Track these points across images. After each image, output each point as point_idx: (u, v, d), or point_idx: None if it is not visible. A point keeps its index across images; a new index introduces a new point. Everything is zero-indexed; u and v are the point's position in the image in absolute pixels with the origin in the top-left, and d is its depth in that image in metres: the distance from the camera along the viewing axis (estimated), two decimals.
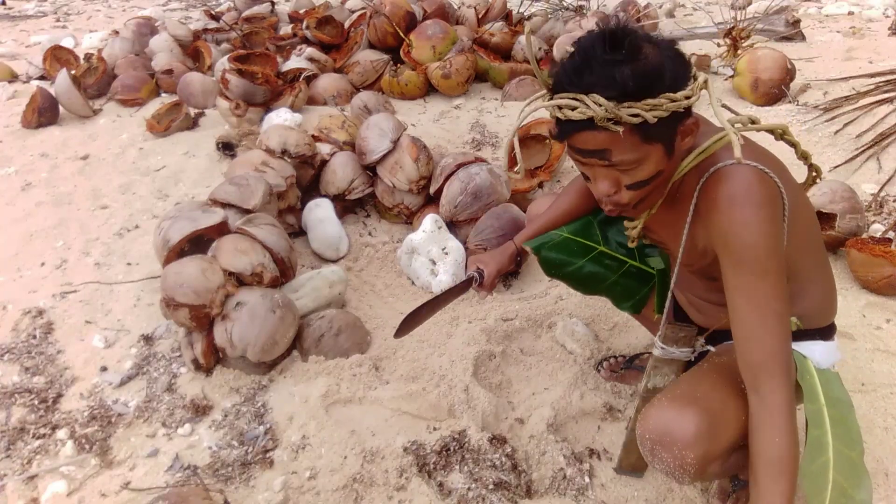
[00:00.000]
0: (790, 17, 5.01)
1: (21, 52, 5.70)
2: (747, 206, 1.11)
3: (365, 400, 1.82)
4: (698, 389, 1.22)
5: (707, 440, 1.16)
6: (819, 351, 1.32)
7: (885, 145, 3.05)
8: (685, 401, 1.19)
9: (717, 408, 1.19)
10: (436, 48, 4.06)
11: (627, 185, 1.16)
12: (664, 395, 1.24)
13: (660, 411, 1.20)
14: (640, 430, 1.22)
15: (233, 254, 1.99)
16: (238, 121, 3.43)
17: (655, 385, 1.40)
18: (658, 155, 1.12)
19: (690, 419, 1.16)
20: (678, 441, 1.15)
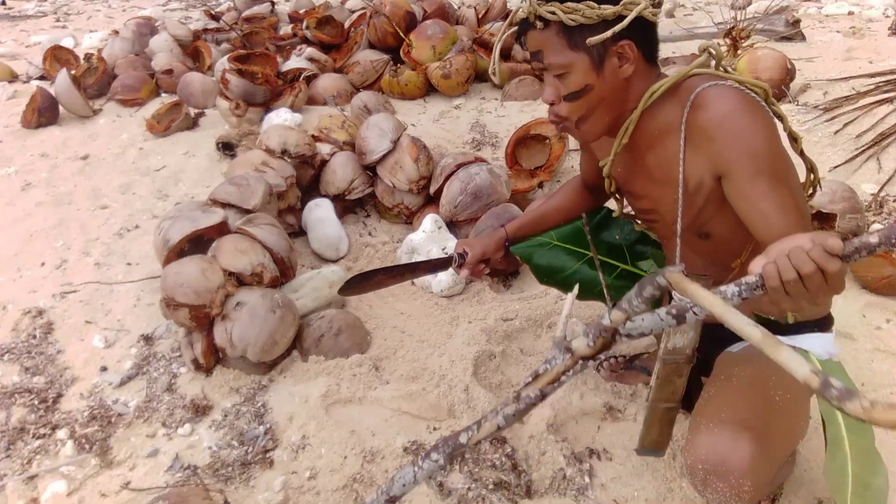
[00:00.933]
0: (790, 17, 5.02)
1: (21, 52, 5.70)
2: (745, 116, 1.13)
3: (365, 400, 1.82)
4: (742, 410, 1.18)
5: (762, 466, 1.13)
6: (819, 344, 1.32)
7: (885, 145, 3.05)
8: (735, 426, 1.15)
9: (765, 429, 1.16)
10: (436, 48, 4.06)
11: (564, 96, 1.24)
12: (707, 419, 1.19)
13: (710, 439, 1.15)
14: (691, 459, 1.17)
15: (233, 254, 1.99)
16: (238, 121, 3.43)
17: (675, 345, 1.33)
18: (585, 66, 1.19)
19: (745, 446, 1.12)
20: (735, 470, 1.11)
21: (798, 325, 1.32)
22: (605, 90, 1.22)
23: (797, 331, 1.32)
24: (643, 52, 1.22)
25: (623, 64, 1.21)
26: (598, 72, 1.20)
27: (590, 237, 1.64)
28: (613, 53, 1.19)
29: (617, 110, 1.26)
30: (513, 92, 4.04)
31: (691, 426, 1.22)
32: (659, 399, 1.38)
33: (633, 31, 1.17)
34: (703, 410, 1.23)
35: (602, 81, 1.21)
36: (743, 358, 1.34)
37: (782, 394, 1.21)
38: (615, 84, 1.22)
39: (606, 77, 1.21)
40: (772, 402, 1.20)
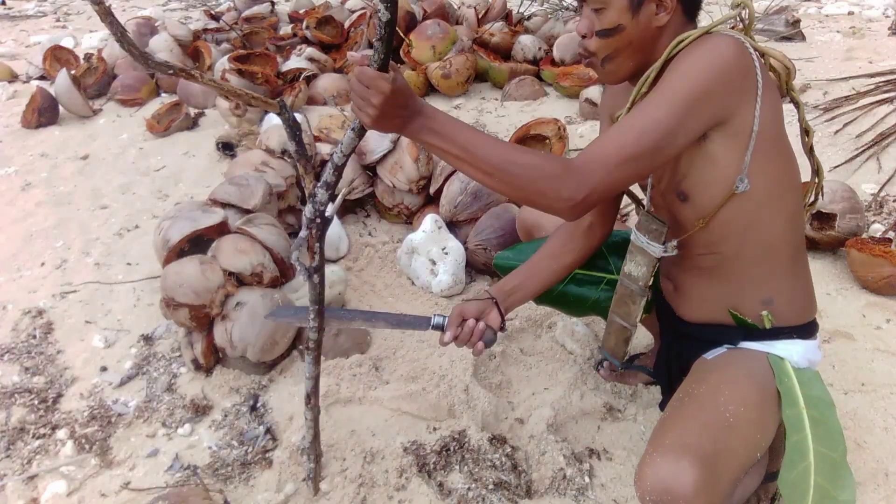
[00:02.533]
0: (790, 17, 5.02)
1: (21, 52, 5.70)
2: (702, 49, 1.14)
3: (365, 400, 1.82)
4: (686, 434, 1.16)
5: (709, 488, 1.10)
6: (797, 351, 1.30)
7: (885, 145, 3.05)
8: (677, 452, 1.12)
9: (711, 449, 1.13)
10: (436, 48, 4.06)
11: (596, 31, 1.24)
12: (653, 447, 1.16)
13: (653, 469, 1.12)
14: (640, 491, 1.14)
15: (232, 254, 1.99)
16: (238, 121, 3.44)
17: (630, 271, 1.43)
18: (622, 5, 1.20)
19: (687, 471, 1.09)
20: (680, 497, 1.08)
21: (776, 331, 1.30)
22: (635, 34, 1.22)
23: (775, 336, 1.30)
24: (683, 6, 1.23)
25: (660, 12, 1.21)
26: (633, 14, 1.20)
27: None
28: (652, 0, 1.20)
29: (643, 57, 1.26)
30: (513, 92, 4.04)
31: (643, 455, 1.19)
32: (615, 313, 1.49)
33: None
34: (652, 438, 1.20)
35: (635, 24, 1.21)
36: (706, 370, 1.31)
37: (734, 409, 1.18)
38: (647, 30, 1.22)
39: (640, 21, 1.21)
40: (721, 419, 1.17)
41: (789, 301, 1.31)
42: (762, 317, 1.30)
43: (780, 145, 1.23)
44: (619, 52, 1.25)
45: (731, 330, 1.35)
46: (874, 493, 1.52)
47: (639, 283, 1.41)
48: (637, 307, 1.44)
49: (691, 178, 1.24)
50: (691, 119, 1.12)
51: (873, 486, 1.53)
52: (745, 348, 1.33)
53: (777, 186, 1.23)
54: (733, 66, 1.12)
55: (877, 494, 1.52)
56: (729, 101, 1.14)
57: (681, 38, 1.20)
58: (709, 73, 1.11)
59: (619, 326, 1.51)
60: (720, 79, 1.11)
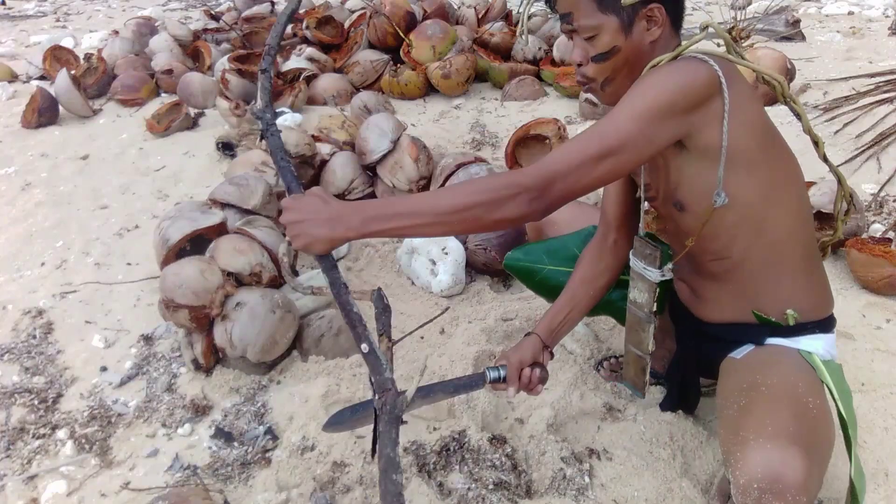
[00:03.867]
0: (790, 17, 5.02)
1: (21, 52, 5.70)
2: (669, 67, 1.16)
3: (365, 400, 1.82)
4: (786, 422, 1.13)
5: (814, 478, 1.09)
6: (821, 345, 1.31)
7: (885, 145, 3.05)
8: (785, 440, 1.09)
9: (810, 440, 1.12)
10: (436, 48, 4.06)
11: (592, 57, 1.25)
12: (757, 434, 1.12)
13: (764, 454, 1.09)
14: (744, 479, 1.10)
15: (231, 254, 1.99)
16: (238, 121, 3.44)
17: (635, 298, 1.45)
18: (613, 28, 1.21)
19: (798, 461, 1.06)
20: (791, 486, 1.05)
21: (800, 327, 1.31)
22: (630, 52, 1.24)
23: (799, 332, 1.31)
24: (671, 18, 1.24)
25: (651, 27, 1.22)
26: (626, 34, 1.22)
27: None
28: (643, 16, 1.21)
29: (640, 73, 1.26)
30: (513, 92, 4.04)
31: (733, 442, 1.15)
32: (629, 342, 1.50)
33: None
34: (741, 424, 1.17)
35: (629, 44, 1.23)
36: (755, 365, 1.30)
37: (813, 400, 1.18)
38: (641, 47, 1.24)
39: (634, 39, 1.23)
40: (808, 410, 1.16)
41: (809, 297, 1.32)
42: (786, 315, 1.30)
43: (768, 153, 1.23)
44: (616, 72, 1.26)
45: (755, 328, 1.35)
46: (874, 493, 1.52)
47: (644, 310, 1.42)
48: (647, 335, 1.44)
49: (683, 189, 1.26)
50: (654, 129, 1.13)
51: (873, 486, 1.53)
52: (773, 345, 1.32)
53: (775, 194, 1.23)
54: (697, 84, 1.13)
55: (877, 494, 1.52)
56: (692, 118, 1.15)
57: (655, 62, 1.22)
58: (672, 86, 1.13)
59: (634, 356, 1.50)
60: (684, 93, 1.13)
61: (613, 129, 1.12)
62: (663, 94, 1.12)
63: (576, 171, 1.11)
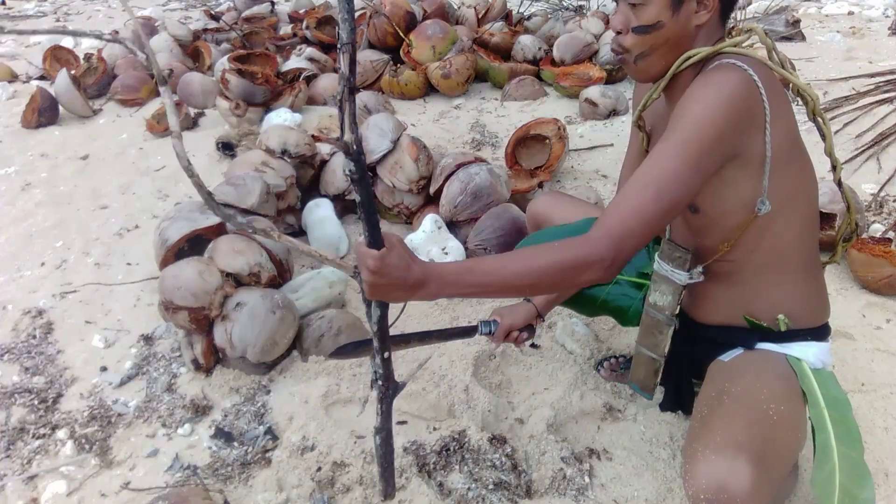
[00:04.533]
0: (790, 17, 5.02)
1: (21, 52, 5.69)
2: (713, 90, 1.12)
3: (365, 400, 1.82)
4: (737, 432, 1.15)
5: (763, 486, 1.09)
6: (812, 353, 1.31)
7: (885, 145, 3.05)
8: (732, 449, 1.11)
9: (762, 447, 1.13)
10: (436, 48, 4.06)
11: (633, 27, 1.22)
12: (704, 444, 1.15)
13: (709, 467, 1.11)
14: (693, 490, 1.12)
15: (230, 254, 1.99)
16: (238, 121, 3.44)
17: (655, 301, 1.43)
18: (663, 1, 1.17)
19: (744, 470, 1.08)
20: (737, 496, 1.07)
21: (792, 333, 1.31)
22: (674, 31, 1.21)
23: (791, 339, 1.31)
24: (722, 5, 1.21)
25: (700, 10, 1.19)
26: (673, 11, 1.19)
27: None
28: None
29: (677, 56, 1.24)
30: (513, 92, 4.04)
31: (687, 452, 1.19)
32: (642, 344, 1.47)
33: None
34: (697, 435, 1.20)
35: (675, 22, 1.20)
36: (732, 371, 1.31)
37: (776, 407, 1.19)
38: (686, 28, 1.21)
39: (680, 19, 1.20)
40: (766, 417, 1.17)
41: (804, 305, 1.32)
42: (778, 320, 1.30)
43: (794, 158, 1.22)
44: (654, 49, 1.23)
45: (747, 332, 1.35)
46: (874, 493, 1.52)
47: (665, 313, 1.41)
48: (665, 336, 1.43)
49: (703, 194, 1.23)
50: (705, 164, 1.12)
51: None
52: (762, 350, 1.33)
53: (790, 199, 1.23)
54: (741, 107, 1.12)
55: (877, 494, 1.52)
56: (739, 139, 1.14)
57: (689, 54, 1.20)
58: (719, 118, 1.10)
59: (647, 358, 1.49)
60: (730, 122, 1.11)
61: (669, 176, 1.10)
62: (711, 127, 1.10)
63: (641, 227, 1.10)
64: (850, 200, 1.40)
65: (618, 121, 3.63)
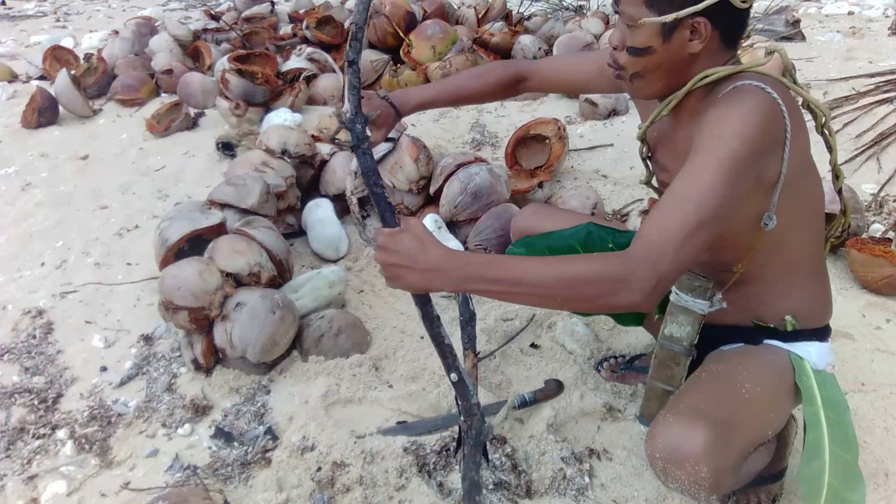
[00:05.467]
0: (790, 17, 5.02)
1: (21, 52, 5.69)
2: (738, 112, 1.10)
3: (365, 400, 1.82)
4: (701, 401, 1.21)
5: (718, 452, 1.13)
6: (815, 352, 1.32)
7: (885, 145, 3.05)
8: (691, 415, 1.17)
9: (724, 417, 1.17)
10: (436, 48, 4.06)
11: (627, 47, 1.22)
12: (668, 411, 1.22)
13: (666, 428, 1.18)
14: (650, 450, 1.19)
15: (230, 254, 1.99)
16: (238, 121, 3.43)
17: (672, 333, 1.38)
18: (654, 27, 1.16)
19: (699, 433, 1.14)
20: (689, 457, 1.13)
21: (796, 333, 1.32)
22: (665, 58, 1.20)
23: (795, 338, 1.33)
24: (721, 33, 1.18)
25: (693, 39, 1.17)
26: (664, 39, 1.17)
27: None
28: (686, 26, 1.16)
29: (673, 80, 1.24)
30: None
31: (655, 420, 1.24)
32: (656, 378, 1.44)
33: (715, 10, 1.13)
34: (668, 405, 1.26)
35: (666, 49, 1.18)
36: (725, 356, 1.35)
37: (751, 387, 1.23)
38: (679, 56, 1.19)
39: (672, 46, 1.18)
40: (737, 394, 1.22)
41: (810, 307, 1.34)
42: (785, 321, 1.32)
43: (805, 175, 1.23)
44: (648, 71, 1.23)
45: (754, 331, 1.36)
46: (874, 493, 1.52)
47: (683, 344, 1.38)
48: (682, 368, 1.39)
49: None
50: (740, 182, 1.09)
51: (873, 486, 1.53)
52: (765, 344, 1.35)
53: (800, 214, 1.24)
54: (771, 129, 1.11)
55: (877, 494, 1.52)
56: (765, 160, 1.14)
57: (707, 73, 1.19)
58: (751, 139, 1.09)
59: (661, 392, 1.45)
60: (760, 143, 1.10)
61: (709, 194, 1.05)
62: (745, 144, 1.08)
63: (682, 248, 1.03)
64: (847, 205, 1.41)
65: (618, 121, 3.63)
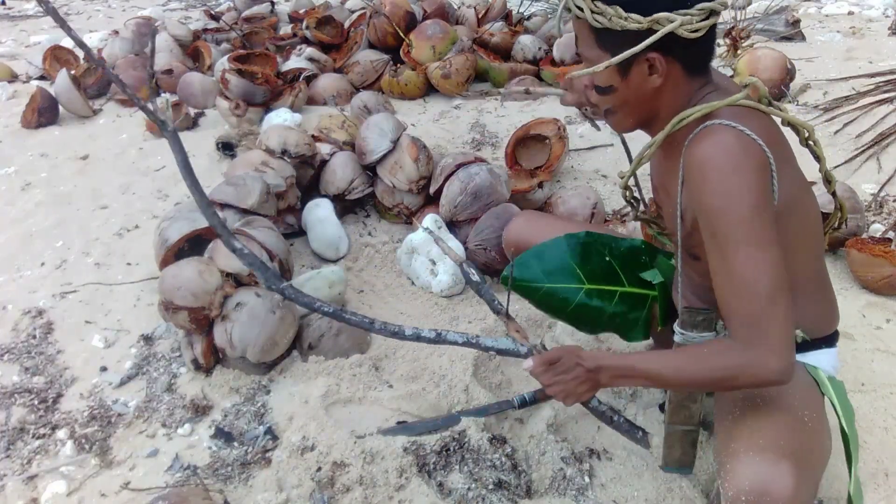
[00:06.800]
0: (790, 17, 5.01)
1: (21, 52, 5.69)
2: (720, 171, 1.10)
3: (365, 400, 1.82)
4: (778, 435, 1.14)
5: (804, 492, 1.09)
6: (825, 360, 1.32)
7: (885, 145, 3.05)
8: (775, 453, 1.10)
9: (802, 453, 1.12)
10: (436, 48, 4.06)
11: (594, 85, 1.24)
12: (747, 447, 1.14)
13: (752, 468, 1.10)
14: (733, 492, 1.11)
15: (230, 254, 1.98)
16: (238, 121, 3.43)
17: None
18: (611, 68, 1.17)
19: (788, 474, 1.07)
20: (779, 500, 1.07)
21: (807, 344, 1.31)
22: (629, 94, 1.20)
23: (807, 348, 1.31)
24: (682, 64, 1.17)
25: (653, 74, 1.17)
26: (622, 77, 1.18)
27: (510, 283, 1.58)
28: (642, 62, 1.15)
29: (644, 114, 1.24)
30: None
31: (724, 453, 1.17)
32: (674, 422, 1.39)
33: (668, 43, 1.12)
34: (733, 435, 1.19)
35: (626, 86, 1.19)
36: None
37: (809, 413, 1.19)
38: (642, 90, 1.19)
39: (632, 83, 1.18)
40: (802, 423, 1.17)
41: (817, 319, 1.33)
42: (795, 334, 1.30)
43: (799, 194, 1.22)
44: (617, 108, 1.24)
45: None
46: (874, 493, 1.52)
47: None
48: (699, 405, 1.37)
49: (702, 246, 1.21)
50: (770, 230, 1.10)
51: (873, 486, 1.54)
52: None
53: (800, 236, 1.24)
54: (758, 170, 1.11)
55: (877, 494, 1.52)
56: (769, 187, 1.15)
57: (682, 116, 1.18)
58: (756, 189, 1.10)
59: (681, 434, 1.41)
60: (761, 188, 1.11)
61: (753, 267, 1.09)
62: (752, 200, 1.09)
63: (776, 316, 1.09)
64: (843, 204, 1.41)
65: None
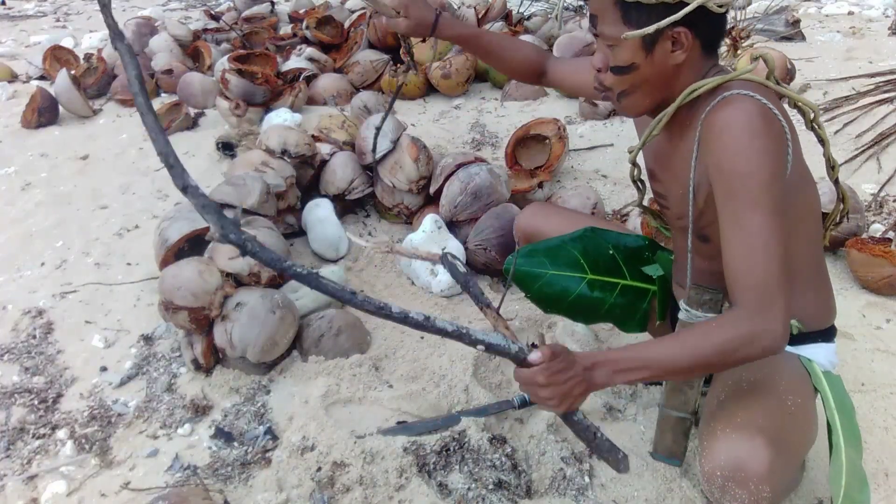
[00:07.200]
0: (790, 17, 5.01)
1: (21, 52, 5.69)
2: (742, 135, 1.10)
3: (365, 400, 1.82)
4: (757, 415, 1.16)
5: (780, 471, 1.11)
6: (822, 354, 1.33)
7: (885, 145, 3.05)
8: (752, 430, 1.13)
9: (780, 434, 1.14)
10: (436, 48, 4.06)
11: (611, 67, 1.22)
12: (724, 424, 1.17)
13: (728, 444, 1.13)
14: (709, 466, 1.14)
15: (230, 254, 1.99)
16: (238, 121, 3.43)
17: None
18: (635, 44, 1.16)
19: (763, 451, 1.09)
20: (753, 476, 1.09)
21: (803, 336, 1.32)
22: (651, 72, 1.19)
23: (802, 341, 1.32)
24: (702, 41, 1.18)
25: (676, 50, 1.17)
26: (647, 53, 1.17)
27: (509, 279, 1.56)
28: (668, 38, 1.15)
29: (661, 94, 1.23)
30: (513, 92, 4.03)
31: (705, 432, 1.20)
32: (669, 406, 1.39)
33: (694, 18, 1.13)
34: (715, 415, 1.21)
35: (649, 63, 1.18)
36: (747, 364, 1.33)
37: (793, 399, 1.20)
38: (663, 68, 1.19)
39: (655, 60, 1.18)
40: (784, 406, 1.18)
41: (814, 310, 1.33)
42: (791, 325, 1.30)
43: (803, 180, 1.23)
44: (634, 88, 1.22)
45: None
46: (874, 493, 1.52)
47: None
48: (695, 391, 1.37)
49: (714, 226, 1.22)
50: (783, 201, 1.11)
51: (873, 486, 1.53)
52: None
53: (800, 220, 1.24)
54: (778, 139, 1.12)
55: (877, 494, 1.52)
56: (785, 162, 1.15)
57: (694, 87, 1.18)
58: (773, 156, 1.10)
59: (675, 420, 1.41)
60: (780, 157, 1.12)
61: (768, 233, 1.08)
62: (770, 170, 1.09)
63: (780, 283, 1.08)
64: (845, 193, 1.40)
65: (617, 121, 3.63)
